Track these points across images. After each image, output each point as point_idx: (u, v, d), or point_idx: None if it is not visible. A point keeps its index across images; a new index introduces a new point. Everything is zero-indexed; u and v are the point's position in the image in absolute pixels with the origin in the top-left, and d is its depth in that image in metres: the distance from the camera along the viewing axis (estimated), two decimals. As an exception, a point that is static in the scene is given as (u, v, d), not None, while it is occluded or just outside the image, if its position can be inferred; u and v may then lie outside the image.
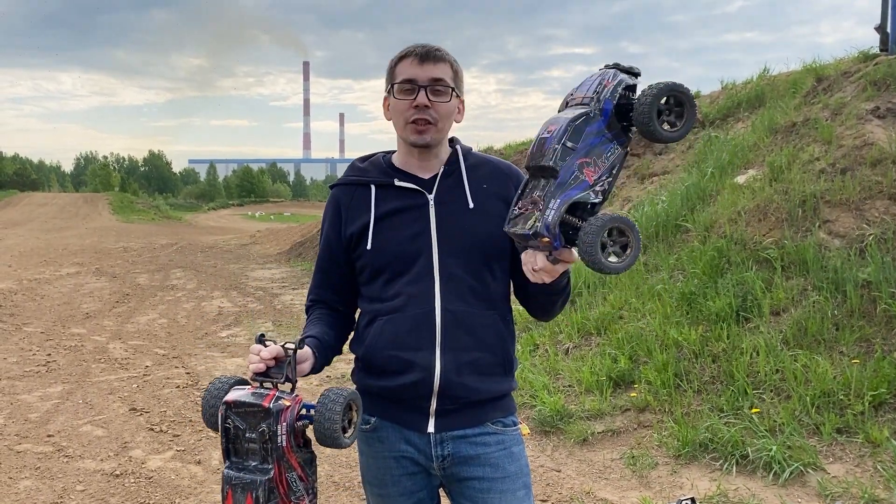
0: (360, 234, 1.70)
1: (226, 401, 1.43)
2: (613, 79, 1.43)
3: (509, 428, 1.74)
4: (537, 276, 1.46)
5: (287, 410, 1.41)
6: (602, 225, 1.35)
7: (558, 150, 1.39)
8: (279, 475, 1.41)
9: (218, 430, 1.46)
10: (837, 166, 5.67)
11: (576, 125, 1.39)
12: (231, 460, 1.43)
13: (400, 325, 1.65)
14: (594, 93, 1.42)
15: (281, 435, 1.40)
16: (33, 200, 39.99)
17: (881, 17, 7.38)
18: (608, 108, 1.40)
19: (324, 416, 1.41)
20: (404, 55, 1.68)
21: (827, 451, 3.74)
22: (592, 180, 1.41)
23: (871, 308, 4.45)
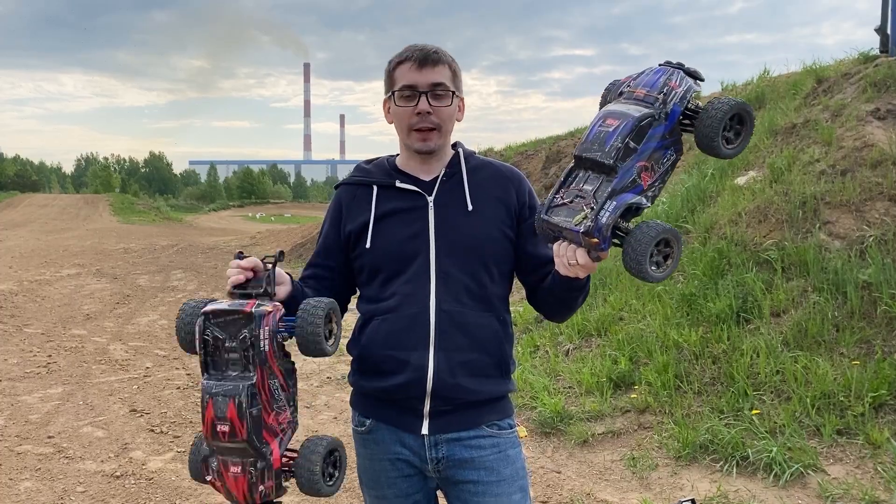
0: (359, 233, 1.71)
1: (204, 311, 1.41)
2: (682, 83, 1.38)
3: (505, 431, 1.74)
4: (572, 269, 1.44)
5: (269, 315, 1.40)
6: (656, 234, 1.33)
7: (621, 149, 1.34)
8: (262, 381, 1.40)
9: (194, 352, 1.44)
10: (838, 168, 5.67)
11: (641, 126, 1.34)
12: (209, 373, 1.41)
13: (395, 324, 1.65)
14: (660, 93, 1.37)
15: (263, 339, 1.39)
16: (34, 202, 40.00)
17: (881, 18, 7.38)
18: (676, 113, 1.37)
19: (306, 321, 1.40)
20: (402, 60, 1.68)
21: (827, 452, 3.74)
22: (647, 185, 1.38)
23: (872, 309, 4.45)
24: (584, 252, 1.40)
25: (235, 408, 1.36)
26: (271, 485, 1.42)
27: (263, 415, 1.40)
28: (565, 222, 1.39)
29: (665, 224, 1.36)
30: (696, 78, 1.42)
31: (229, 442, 1.37)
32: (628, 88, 1.43)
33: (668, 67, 1.42)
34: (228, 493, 1.42)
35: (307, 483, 1.44)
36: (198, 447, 1.49)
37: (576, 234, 1.37)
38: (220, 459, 1.41)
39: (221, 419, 1.36)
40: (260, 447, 1.39)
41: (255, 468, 1.40)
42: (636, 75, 1.45)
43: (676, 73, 1.40)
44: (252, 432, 1.37)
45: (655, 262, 1.36)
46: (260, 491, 1.41)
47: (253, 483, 1.40)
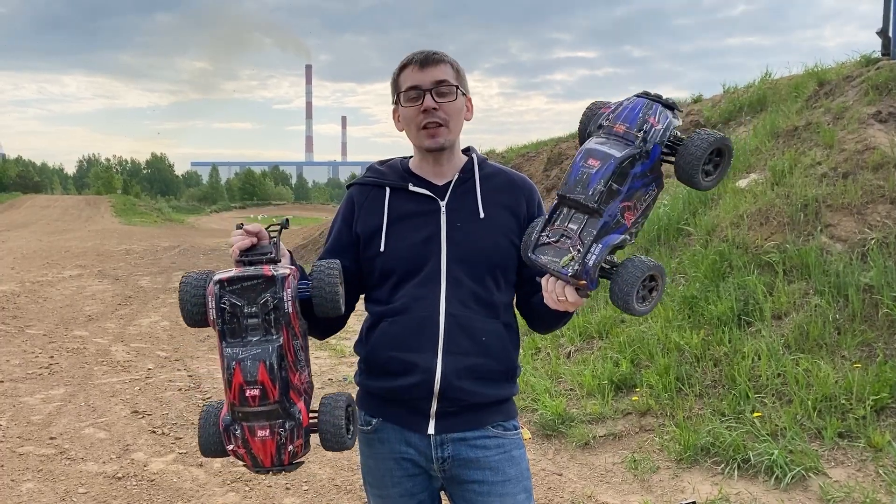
0: (371, 235, 1.72)
1: (219, 279, 1.39)
2: (661, 119, 1.39)
3: (510, 432, 1.75)
4: (561, 304, 1.48)
5: (290, 277, 1.40)
6: (642, 273, 1.37)
7: (604, 192, 1.36)
8: (287, 342, 1.40)
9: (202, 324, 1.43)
10: (839, 170, 5.67)
11: (622, 167, 1.37)
12: (228, 341, 1.39)
13: (403, 326, 1.67)
14: (640, 130, 1.38)
15: (287, 301, 1.39)
16: (36, 203, 40.05)
17: (883, 21, 7.38)
18: (656, 153, 1.39)
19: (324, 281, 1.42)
20: (405, 64, 1.71)
21: (829, 455, 3.73)
22: (630, 223, 1.41)
23: (873, 312, 4.45)
24: (572, 290, 1.44)
25: (267, 370, 1.35)
26: (300, 443, 1.42)
27: (290, 375, 1.40)
28: (553, 263, 1.43)
29: (651, 261, 1.40)
30: (673, 109, 1.43)
31: (259, 406, 1.36)
32: (607, 122, 1.44)
33: (647, 100, 1.43)
34: (254, 458, 1.41)
35: (332, 437, 1.43)
36: (207, 420, 1.47)
37: (564, 276, 1.42)
38: (246, 426, 1.39)
39: (252, 383, 1.35)
40: (289, 407, 1.39)
41: (284, 428, 1.40)
42: (615, 107, 1.46)
43: (655, 107, 1.41)
44: (283, 393, 1.37)
45: (641, 297, 1.40)
46: (289, 451, 1.41)
47: (282, 444, 1.40)
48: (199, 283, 1.43)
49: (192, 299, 1.43)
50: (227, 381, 1.37)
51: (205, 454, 1.49)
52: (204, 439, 1.47)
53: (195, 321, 1.44)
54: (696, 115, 9.50)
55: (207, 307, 1.40)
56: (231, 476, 4.02)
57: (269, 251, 1.49)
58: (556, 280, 1.45)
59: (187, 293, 1.43)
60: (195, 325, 1.45)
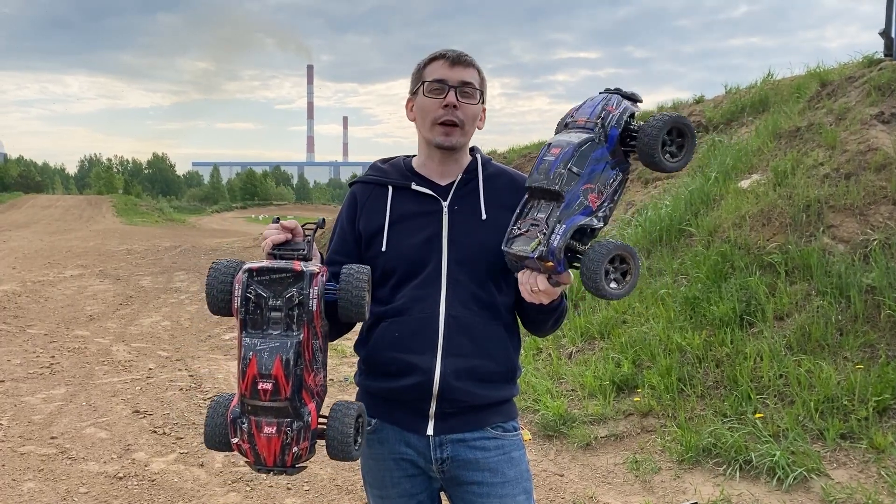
0: (374, 235, 1.72)
1: (249, 268, 1.38)
2: (618, 106, 1.45)
3: (509, 433, 1.75)
4: (536, 296, 1.50)
5: (318, 275, 1.39)
6: (607, 252, 1.38)
7: (564, 175, 1.41)
8: (307, 340, 1.38)
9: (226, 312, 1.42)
10: (842, 171, 5.66)
11: (581, 150, 1.41)
12: (248, 331, 1.37)
13: (403, 327, 1.66)
14: (598, 118, 1.44)
15: (313, 298, 1.37)
16: (37, 202, 40.09)
17: (886, 21, 7.36)
18: (614, 135, 1.43)
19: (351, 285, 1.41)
20: (435, 57, 1.72)
21: (831, 456, 3.73)
22: (596, 206, 1.44)
23: (876, 313, 4.45)
24: (543, 278, 1.46)
25: (282, 365, 1.33)
26: (306, 446, 1.39)
27: (305, 374, 1.38)
28: (523, 251, 1.46)
29: (617, 241, 1.41)
30: (633, 100, 1.48)
31: (270, 401, 1.34)
32: (571, 119, 1.51)
33: (607, 94, 1.49)
34: (257, 455, 1.39)
35: (339, 446, 1.41)
36: (216, 411, 1.45)
37: (533, 261, 1.44)
38: (254, 420, 1.37)
39: (265, 376, 1.33)
40: (299, 407, 1.37)
41: (292, 428, 1.37)
42: (579, 106, 1.53)
43: (614, 98, 1.47)
44: (295, 391, 1.35)
45: (614, 280, 1.42)
46: (293, 452, 1.38)
47: (287, 444, 1.37)
48: (229, 271, 1.42)
49: (219, 285, 1.41)
50: (242, 371, 1.35)
51: (209, 446, 1.47)
52: (210, 429, 1.45)
53: (219, 308, 1.42)
54: (698, 115, 9.49)
55: (233, 294, 1.39)
56: (232, 476, 4.02)
57: (302, 248, 1.48)
58: (531, 273, 1.49)
59: (215, 279, 1.42)
60: (219, 313, 1.43)
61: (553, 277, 1.46)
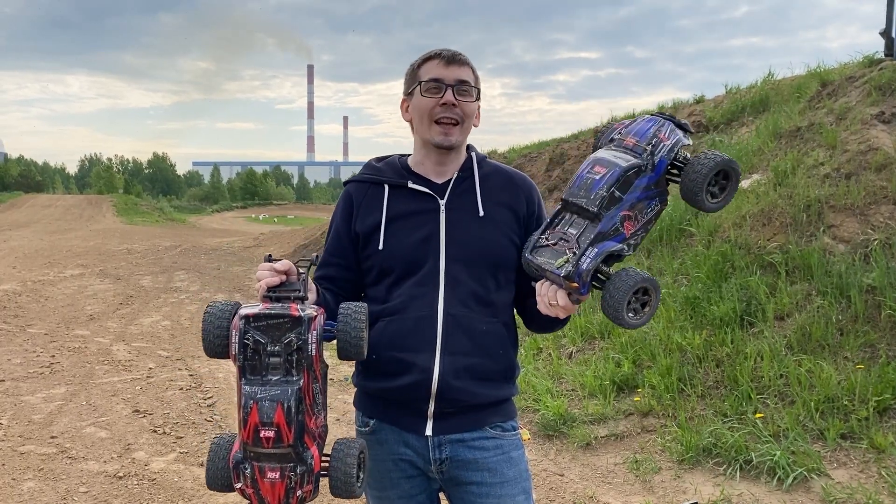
0: (370, 234, 1.71)
1: (245, 315, 1.37)
2: (671, 135, 1.41)
3: (508, 433, 1.74)
4: (553, 310, 1.49)
5: (315, 319, 1.38)
6: (633, 284, 1.38)
7: (605, 198, 1.38)
8: (307, 385, 1.38)
9: (223, 356, 1.41)
10: (842, 171, 5.66)
11: (627, 176, 1.38)
12: (248, 378, 1.37)
13: (401, 326, 1.66)
14: (649, 144, 1.40)
15: (311, 343, 1.37)
16: (38, 202, 40.10)
17: (886, 21, 7.36)
18: (662, 166, 1.40)
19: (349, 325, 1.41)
20: (430, 57, 1.71)
21: (831, 456, 3.72)
22: (629, 233, 1.42)
23: (876, 313, 4.44)
24: (564, 294, 1.45)
25: (284, 413, 1.33)
26: (310, 489, 1.40)
27: (306, 419, 1.38)
28: (548, 264, 1.45)
29: (644, 273, 1.40)
30: (685, 130, 1.45)
31: (273, 448, 1.34)
32: (619, 136, 1.47)
33: (660, 118, 1.46)
34: (261, 499, 1.39)
35: (343, 485, 1.42)
36: (217, 454, 1.45)
37: (557, 277, 1.43)
38: (257, 465, 1.37)
39: (267, 424, 1.33)
40: (302, 452, 1.37)
41: (295, 473, 1.38)
42: (628, 123, 1.49)
43: (667, 125, 1.44)
44: (297, 437, 1.35)
45: (633, 310, 1.41)
46: (297, 496, 1.39)
47: (291, 488, 1.38)
48: (224, 315, 1.41)
49: (215, 330, 1.40)
50: (243, 419, 1.35)
51: (211, 488, 1.47)
52: (212, 473, 1.45)
53: (216, 353, 1.42)
54: (699, 115, 9.49)
55: (230, 341, 1.38)
56: (232, 476, 4.02)
57: (298, 289, 1.47)
58: (550, 284, 1.47)
59: (211, 324, 1.41)
60: (215, 357, 1.42)
61: (574, 295, 1.45)
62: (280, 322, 1.37)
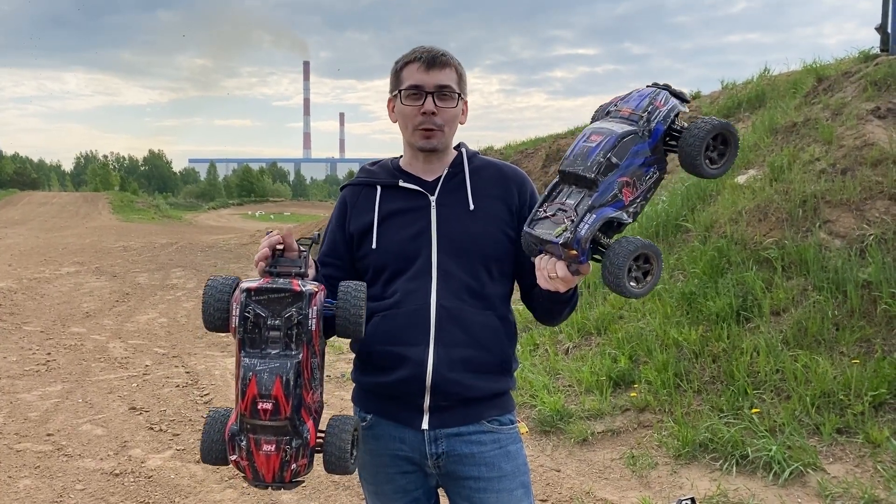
0: (364, 234, 1.72)
1: (247, 288, 1.38)
2: (666, 102, 1.41)
3: (506, 426, 1.74)
4: (552, 283, 1.46)
5: (316, 295, 1.39)
6: (634, 249, 1.36)
7: (602, 164, 1.37)
8: (306, 360, 1.38)
9: (222, 329, 1.41)
10: (838, 166, 5.67)
11: (623, 142, 1.37)
12: (247, 350, 1.38)
13: (395, 320, 1.66)
14: (644, 111, 1.40)
15: (312, 318, 1.37)
16: (33, 199, 39.99)
17: (882, 17, 7.38)
18: (658, 132, 1.39)
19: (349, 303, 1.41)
20: (410, 60, 1.70)
21: (827, 451, 3.73)
22: (628, 200, 1.40)
23: (872, 308, 4.45)
24: (563, 265, 1.43)
25: (282, 385, 1.34)
26: (304, 462, 1.41)
27: (304, 393, 1.38)
28: (546, 234, 1.43)
29: (644, 240, 1.38)
30: (681, 99, 1.44)
31: (269, 420, 1.35)
32: (615, 108, 1.47)
33: (655, 87, 1.46)
34: (255, 472, 1.40)
35: (337, 461, 1.42)
36: (212, 427, 1.45)
37: (556, 246, 1.41)
38: (252, 438, 1.38)
39: (265, 397, 1.34)
40: (298, 425, 1.38)
41: (291, 446, 1.38)
42: (624, 96, 1.48)
43: (662, 94, 1.43)
44: (294, 410, 1.36)
45: (634, 278, 1.39)
46: (292, 469, 1.39)
47: (286, 461, 1.38)
48: (225, 289, 1.42)
49: (215, 304, 1.41)
50: (241, 391, 1.35)
51: (205, 461, 1.47)
52: (206, 445, 1.45)
53: (215, 326, 1.42)
54: (695, 111, 9.50)
55: (230, 314, 1.39)
56: (229, 473, 4.01)
57: (299, 265, 1.48)
58: (549, 257, 1.45)
59: (212, 297, 1.41)
60: (215, 330, 1.43)
61: (573, 266, 1.43)
62: (281, 296, 1.38)
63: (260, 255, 1.48)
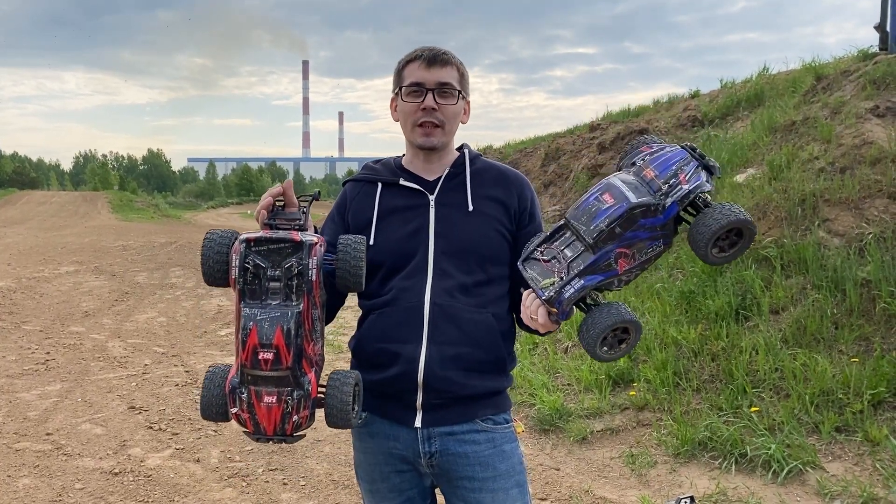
0: (362, 230, 1.73)
1: (246, 239, 1.37)
2: (692, 179, 1.35)
3: (500, 426, 1.74)
4: (532, 323, 1.49)
5: (317, 245, 1.38)
6: (611, 324, 1.35)
7: (604, 232, 1.34)
8: (306, 310, 1.37)
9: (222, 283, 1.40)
10: (837, 165, 5.67)
11: (633, 214, 1.34)
12: (247, 301, 1.37)
13: (390, 318, 1.67)
14: (666, 183, 1.35)
15: (312, 269, 1.36)
16: (32, 199, 39.95)
17: (881, 15, 7.38)
18: (671, 212, 1.35)
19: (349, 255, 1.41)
20: (412, 58, 1.71)
21: (826, 449, 3.74)
22: (622, 271, 1.39)
23: (871, 307, 4.45)
24: (545, 312, 1.44)
25: (283, 335, 1.33)
26: (306, 414, 1.39)
27: (304, 343, 1.37)
28: (535, 280, 1.44)
29: (626, 314, 1.37)
30: (711, 173, 1.39)
31: (271, 370, 1.34)
32: (642, 162, 1.41)
33: (688, 154, 1.39)
34: (257, 424, 1.38)
35: (338, 413, 1.41)
36: (213, 382, 1.44)
37: (540, 297, 1.42)
38: (253, 390, 1.37)
39: (266, 346, 1.33)
40: (299, 376, 1.37)
41: (292, 397, 1.37)
42: (657, 149, 1.42)
43: (691, 165, 1.37)
44: (296, 360, 1.35)
45: (609, 345, 1.39)
46: (293, 421, 1.38)
47: (287, 413, 1.37)
48: (224, 241, 1.41)
49: (215, 255, 1.40)
50: (242, 341, 1.34)
51: (205, 417, 1.46)
52: (206, 401, 1.44)
53: (215, 279, 1.41)
54: (694, 110, 9.49)
55: (230, 265, 1.38)
56: (228, 472, 4.02)
57: (299, 218, 1.48)
58: (535, 298, 1.46)
59: (211, 249, 1.40)
60: (214, 284, 1.42)
61: (553, 317, 1.44)
62: (281, 247, 1.37)
63: (263, 205, 1.48)
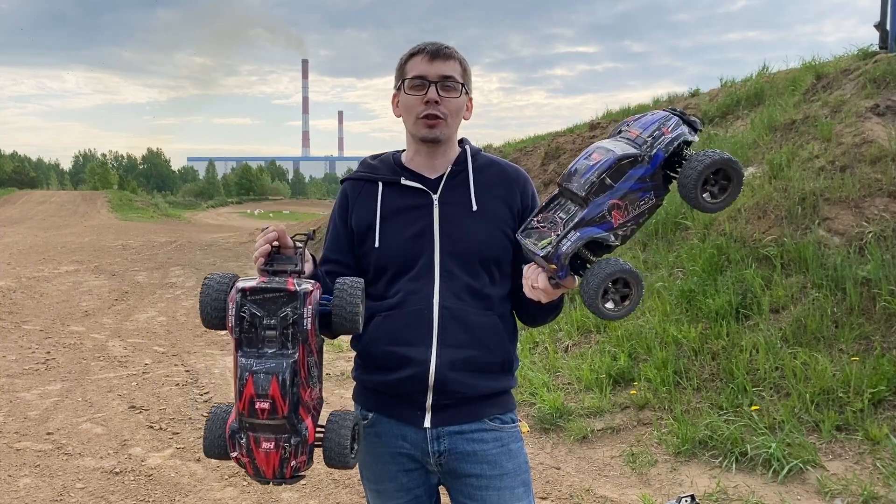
0: (366, 231, 1.72)
1: (242, 288, 1.39)
2: (673, 129, 1.40)
3: (507, 425, 1.74)
4: (535, 293, 1.49)
5: (312, 294, 1.40)
6: (611, 273, 1.36)
7: (595, 183, 1.37)
8: (302, 359, 1.39)
9: (219, 327, 1.42)
10: (837, 164, 5.67)
11: (621, 164, 1.37)
12: (244, 350, 1.39)
13: (398, 321, 1.66)
14: (650, 136, 1.39)
15: (307, 318, 1.38)
16: (32, 198, 39.96)
17: (881, 14, 7.37)
18: (658, 158, 1.39)
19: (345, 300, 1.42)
20: (415, 52, 1.71)
21: (826, 448, 3.74)
22: (617, 224, 1.40)
23: (871, 305, 4.46)
24: (545, 276, 1.45)
25: (279, 385, 1.35)
26: (304, 459, 1.42)
27: (301, 391, 1.39)
28: (532, 245, 1.45)
29: (626, 265, 1.38)
30: (692, 127, 1.43)
31: (268, 419, 1.36)
32: (626, 127, 1.47)
33: (669, 112, 1.45)
34: (256, 468, 1.42)
35: (336, 456, 1.44)
36: (214, 423, 1.47)
37: (539, 258, 1.43)
38: (252, 436, 1.40)
39: (262, 396, 1.35)
40: (296, 423, 1.39)
41: (290, 443, 1.40)
42: (638, 116, 1.48)
43: (672, 119, 1.42)
44: (292, 409, 1.37)
45: (612, 300, 1.39)
46: (292, 465, 1.41)
47: (285, 458, 1.40)
48: (221, 288, 1.43)
49: (212, 302, 1.42)
50: (239, 390, 1.37)
51: (208, 455, 1.49)
52: (209, 441, 1.48)
53: (213, 324, 1.43)
54: (694, 108, 9.49)
55: (227, 313, 1.40)
56: (229, 471, 4.02)
57: (296, 262, 1.49)
58: (536, 267, 1.48)
59: (208, 296, 1.42)
60: (213, 328, 1.44)
61: (554, 279, 1.44)
62: (276, 296, 1.39)
63: (260, 252, 1.49)
